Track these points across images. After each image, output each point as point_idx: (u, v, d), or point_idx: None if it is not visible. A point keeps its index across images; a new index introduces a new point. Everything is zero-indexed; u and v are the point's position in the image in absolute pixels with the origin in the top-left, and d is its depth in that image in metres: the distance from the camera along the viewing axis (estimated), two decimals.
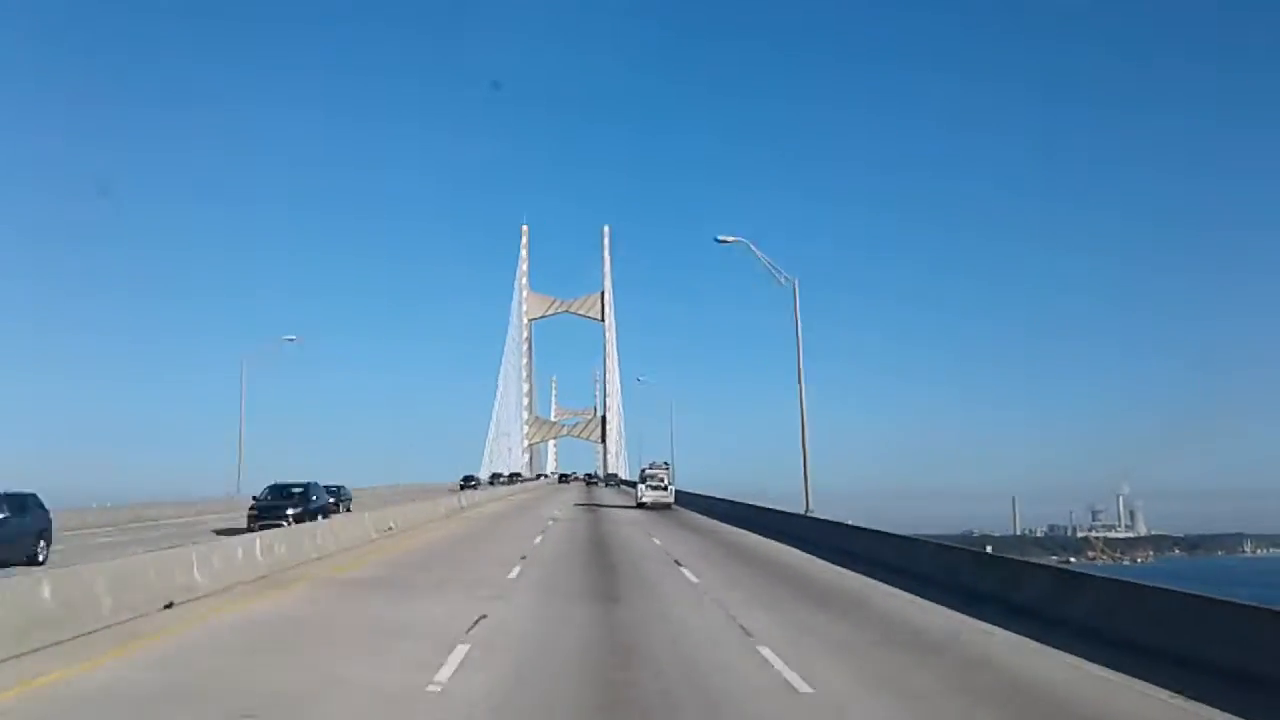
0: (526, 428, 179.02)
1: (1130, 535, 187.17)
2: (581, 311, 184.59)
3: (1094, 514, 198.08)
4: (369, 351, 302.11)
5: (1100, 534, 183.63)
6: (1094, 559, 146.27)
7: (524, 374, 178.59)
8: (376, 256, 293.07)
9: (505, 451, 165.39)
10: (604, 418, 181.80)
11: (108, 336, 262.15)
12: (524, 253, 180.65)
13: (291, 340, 64.77)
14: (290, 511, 29.68)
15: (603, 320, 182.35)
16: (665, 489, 53.17)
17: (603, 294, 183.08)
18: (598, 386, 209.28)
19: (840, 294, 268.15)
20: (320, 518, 29.38)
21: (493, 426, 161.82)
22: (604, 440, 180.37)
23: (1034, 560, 20.92)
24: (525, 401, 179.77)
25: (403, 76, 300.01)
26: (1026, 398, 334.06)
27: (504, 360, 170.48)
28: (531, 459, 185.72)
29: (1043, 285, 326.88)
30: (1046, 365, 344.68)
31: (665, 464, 58.86)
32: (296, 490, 32.25)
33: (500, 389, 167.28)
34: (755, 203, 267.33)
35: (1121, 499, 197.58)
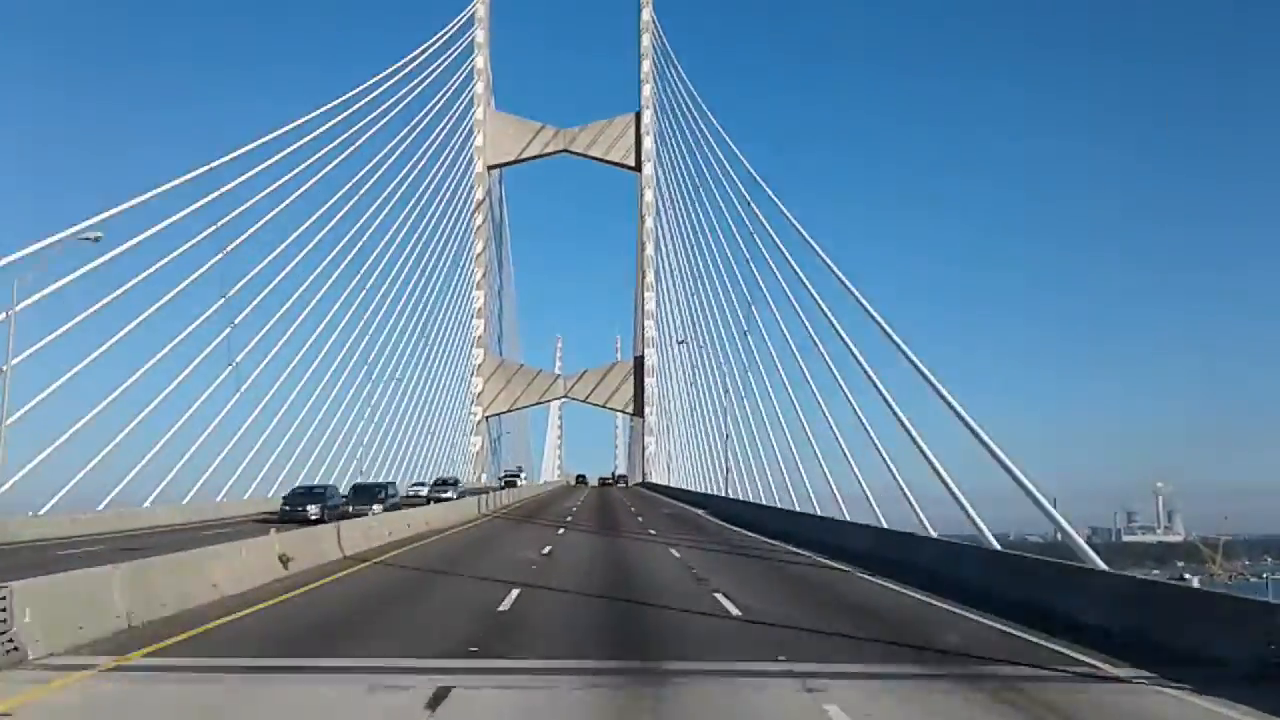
0: (480, 382, 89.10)
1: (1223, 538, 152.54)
2: (598, 154, 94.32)
3: (1130, 515, 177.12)
4: None
5: (1214, 539, 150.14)
6: (1214, 574, 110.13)
7: (477, 274, 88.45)
8: None
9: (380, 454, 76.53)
10: (638, 360, 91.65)
11: None
12: (481, 34, 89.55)
13: (95, 239, 37.69)
14: None
15: (638, 169, 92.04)
16: None
17: (638, 117, 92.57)
18: (620, 335, 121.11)
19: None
20: None
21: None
22: (640, 409, 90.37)
23: None
24: (479, 330, 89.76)
25: None
26: (1045, 392, 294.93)
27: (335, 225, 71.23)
28: (495, 444, 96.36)
29: (1051, 278, 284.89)
30: (1065, 360, 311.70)
31: None
32: None
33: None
34: None
35: (1161, 499, 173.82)
